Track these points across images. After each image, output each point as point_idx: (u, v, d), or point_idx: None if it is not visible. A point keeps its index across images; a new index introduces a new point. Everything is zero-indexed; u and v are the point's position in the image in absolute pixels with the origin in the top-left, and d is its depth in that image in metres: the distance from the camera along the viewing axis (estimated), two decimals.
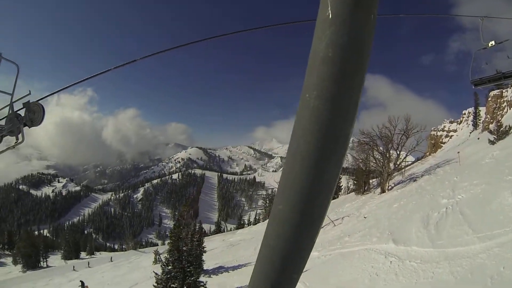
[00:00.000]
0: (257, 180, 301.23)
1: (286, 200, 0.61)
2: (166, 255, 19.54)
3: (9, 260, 62.02)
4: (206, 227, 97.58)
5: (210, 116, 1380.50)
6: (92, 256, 72.37)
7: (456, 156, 28.86)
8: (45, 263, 58.79)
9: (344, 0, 0.48)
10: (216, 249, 35.77)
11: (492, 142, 28.07)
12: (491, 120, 48.54)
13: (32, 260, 55.40)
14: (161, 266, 19.11)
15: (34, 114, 3.93)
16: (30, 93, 4.04)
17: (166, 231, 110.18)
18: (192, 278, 18.48)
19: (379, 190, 31.68)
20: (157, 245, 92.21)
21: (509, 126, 28.88)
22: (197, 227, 30.81)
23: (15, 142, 3.90)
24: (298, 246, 0.66)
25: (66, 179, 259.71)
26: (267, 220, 0.78)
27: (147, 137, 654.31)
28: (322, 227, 15.56)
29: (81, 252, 72.22)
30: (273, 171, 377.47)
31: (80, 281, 28.27)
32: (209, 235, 73.74)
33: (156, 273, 18.90)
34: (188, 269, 18.76)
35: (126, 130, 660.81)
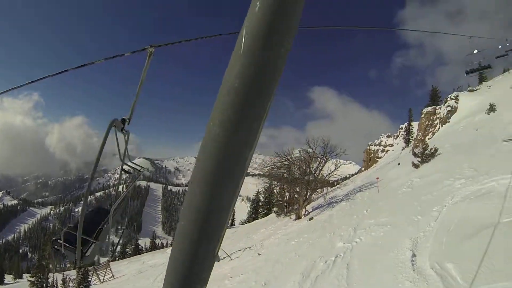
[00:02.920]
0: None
1: (188, 217, 0.67)
2: None
3: None
4: (143, 242, 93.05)
5: (157, 126, 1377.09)
6: (18, 280, 64.14)
7: (381, 179, 27.09)
8: None
9: (256, 38, 0.51)
10: (125, 276, 32.09)
11: (415, 166, 26.06)
12: (423, 138, 48.22)
13: None
14: None
15: None
16: None
17: (109, 246, 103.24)
18: None
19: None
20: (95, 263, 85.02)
21: (435, 148, 26.89)
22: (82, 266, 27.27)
23: None
24: (199, 258, 0.72)
25: (2, 191, 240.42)
26: None
27: (94, 146, 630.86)
28: (222, 259, 20.12)
29: (5, 276, 64.08)
30: None
31: None
32: (144, 252, 69.25)
33: None
34: None
35: (72, 138, 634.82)
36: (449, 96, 49.94)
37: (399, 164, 33.04)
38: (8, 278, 64.63)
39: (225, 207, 0.64)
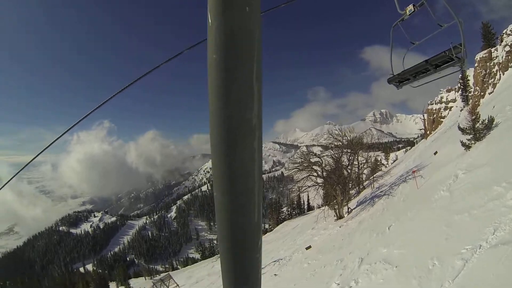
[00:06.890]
0: (285, 174, 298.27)
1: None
2: None
3: None
4: None
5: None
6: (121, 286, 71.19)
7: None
8: None
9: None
10: (184, 286, 33.13)
11: (466, 146, 18.87)
12: (481, 93, 38.30)
13: None
14: None
15: None
16: None
17: (205, 243, 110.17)
18: None
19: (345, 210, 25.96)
20: (197, 260, 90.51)
21: (490, 117, 18.92)
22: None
23: None
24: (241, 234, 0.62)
25: (101, 212, 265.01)
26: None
27: (172, 154, 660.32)
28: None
29: (109, 285, 71.25)
30: None
31: None
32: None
33: None
34: None
35: (149, 152, 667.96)
36: (504, 31, 37.20)
37: (435, 153, 25.75)
38: (112, 285, 71.91)
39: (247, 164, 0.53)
